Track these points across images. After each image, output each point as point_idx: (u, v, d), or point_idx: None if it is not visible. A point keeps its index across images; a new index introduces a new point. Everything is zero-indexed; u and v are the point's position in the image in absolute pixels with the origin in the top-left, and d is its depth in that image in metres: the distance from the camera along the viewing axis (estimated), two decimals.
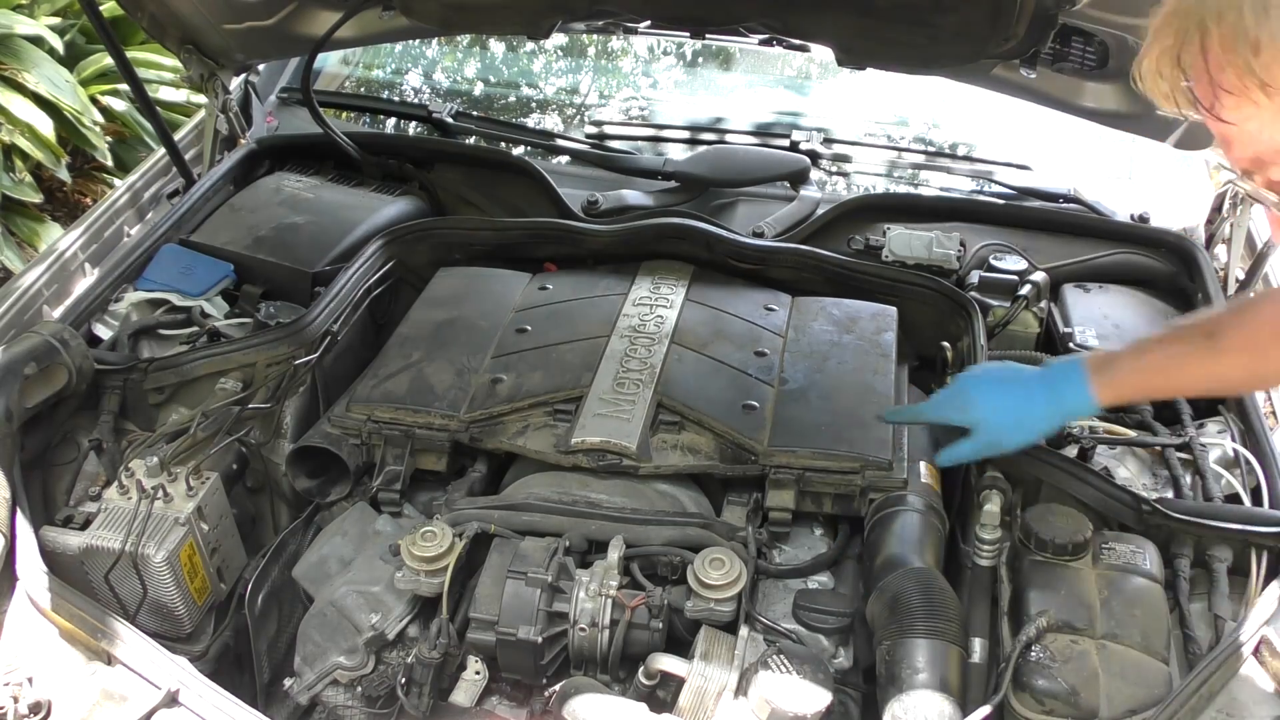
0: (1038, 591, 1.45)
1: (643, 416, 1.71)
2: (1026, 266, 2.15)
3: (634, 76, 3.22)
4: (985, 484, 1.63)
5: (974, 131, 2.86)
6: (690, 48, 3.28)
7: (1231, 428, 1.76)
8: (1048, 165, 2.57)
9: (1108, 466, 1.73)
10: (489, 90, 3.22)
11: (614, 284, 2.08)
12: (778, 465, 1.68)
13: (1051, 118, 2.21)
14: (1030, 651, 1.37)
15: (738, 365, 1.86)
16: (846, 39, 2.00)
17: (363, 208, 2.30)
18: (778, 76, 3.22)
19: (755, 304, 2.04)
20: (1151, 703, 1.32)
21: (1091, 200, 2.39)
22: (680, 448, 1.72)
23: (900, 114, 2.99)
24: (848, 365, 1.88)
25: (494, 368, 1.85)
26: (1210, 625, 1.47)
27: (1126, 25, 1.79)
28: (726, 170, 2.42)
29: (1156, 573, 1.48)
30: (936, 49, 1.88)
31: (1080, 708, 1.33)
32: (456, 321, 1.98)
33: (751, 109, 2.91)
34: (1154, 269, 2.22)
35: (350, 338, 2.01)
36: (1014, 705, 1.36)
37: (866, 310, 2.04)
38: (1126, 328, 2.00)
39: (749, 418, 1.74)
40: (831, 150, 2.55)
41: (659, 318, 1.96)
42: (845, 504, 1.69)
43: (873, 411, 1.77)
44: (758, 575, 1.59)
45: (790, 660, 1.37)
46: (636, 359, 1.84)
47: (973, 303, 2.00)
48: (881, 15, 1.85)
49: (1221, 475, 1.69)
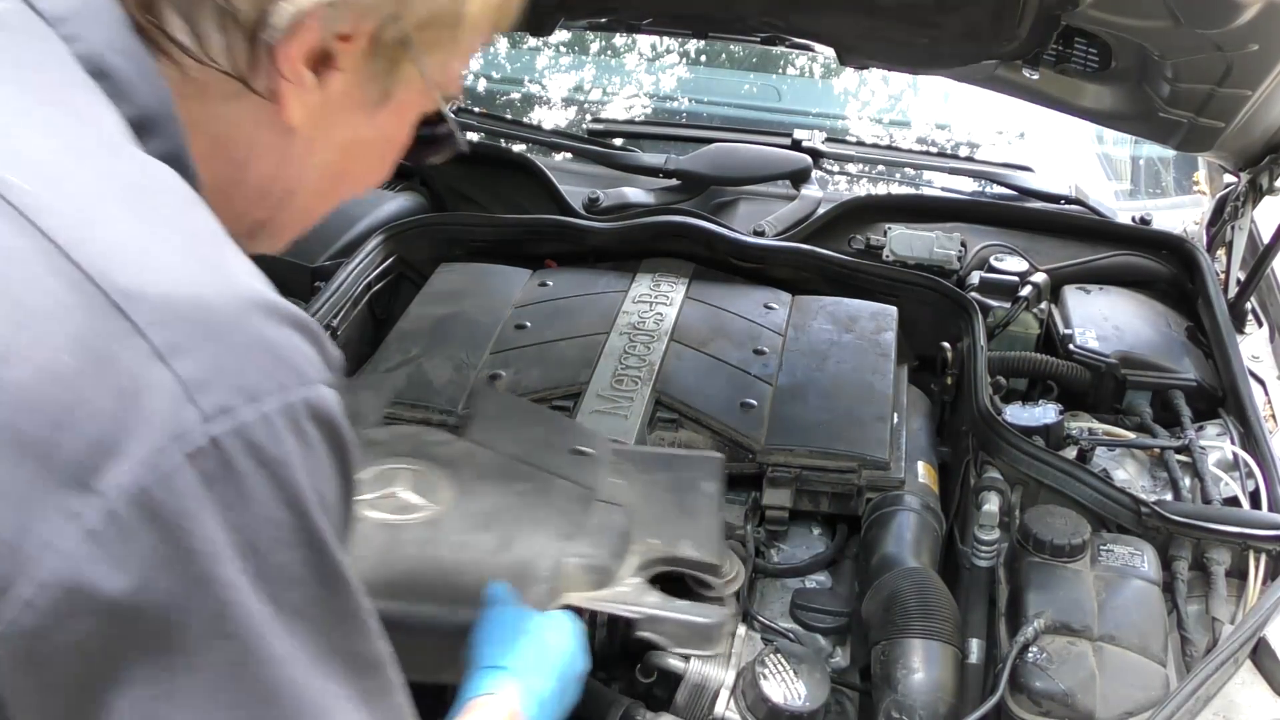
0: (1035, 592, 1.45)
1: (640, 413, 1.71)
2: (1027, 268, 2.15)
3: (636, 74, 3.22)
4: (984, 484, 1.62)
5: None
6: (693, 46, 3.28)
7: (1231, 431, 1.76)
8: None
9: (1106, 468, 1.73)
10: (491, 86, 3.22)
11: (614, 281, 2.08)
12: (775, 464, 1.68)
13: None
14: (1027, 652, 1.37)
15: (737, 363, 1.86)
16: (849, 38, 2.00)
17: (363, 203, 2.29)
18: (780, 75, 3.22)
19: (755, 302, 2.04)
20: (1148, 705, 1.32)
21: (1093, 202, 2.38)
22: (678, 445, 1.72)
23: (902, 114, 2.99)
24: (847, 364, 1.88)
25: (492, 364, 1.85)
26: (1208, 628, 1.46)
27: (1129, 26, 1.79)
28: (727, 169, 2.42)
29: (1154, 575, 1.48)
30: (939, 49, 1.88)
31: (1077, 709, 1.33)
32: (456, 317, 1.98)
33: (753, 107, 2.91)
34: (1155, 271, 2.21)
35: (350, 333, 2.00)
36: (1011, 706, 1.36)
37: (866, 310, 2.04)
38: (1127, 329, 2.00)
39: (747, 416, 1.74)
40: (833, 149, 2.55)
41: (658, 315, 1.95)
42: (843, 503, 1.69)
43: (872, 411, 1.77)
44: (755, 574, 1.59)
45: (788, 659, 1.37)
46: (635, 356, 1.83)
47: (973, 303, 1.99)
48: (884, 15, 1.85)
49: (1220, 478, 1.69)
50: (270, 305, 0.60)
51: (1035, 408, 1.74)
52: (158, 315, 0.56)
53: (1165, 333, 2.01)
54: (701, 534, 1.38)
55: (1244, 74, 1.75)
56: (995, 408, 1.74)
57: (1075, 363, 1.94)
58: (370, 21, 0.71)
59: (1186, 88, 1.85)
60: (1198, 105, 1.88)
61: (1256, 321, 2.10)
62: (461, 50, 0.80)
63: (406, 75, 0.77)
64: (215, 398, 0.56)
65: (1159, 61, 1.82)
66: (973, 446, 1.74)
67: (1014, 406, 1.75)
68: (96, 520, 0.54)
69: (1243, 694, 1.32)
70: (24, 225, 0.56)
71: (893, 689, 1.38)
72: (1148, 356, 1.93)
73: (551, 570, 1.25)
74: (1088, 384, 1.93)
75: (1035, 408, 1.74)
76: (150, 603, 0.55)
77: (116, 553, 0.54)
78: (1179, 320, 2.08)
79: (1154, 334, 2.00)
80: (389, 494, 1.33)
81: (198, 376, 0.56)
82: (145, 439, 0.55)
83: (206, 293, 0.58)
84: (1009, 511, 1.61)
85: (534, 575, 1.24)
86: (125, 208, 0.60)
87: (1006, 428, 1.67)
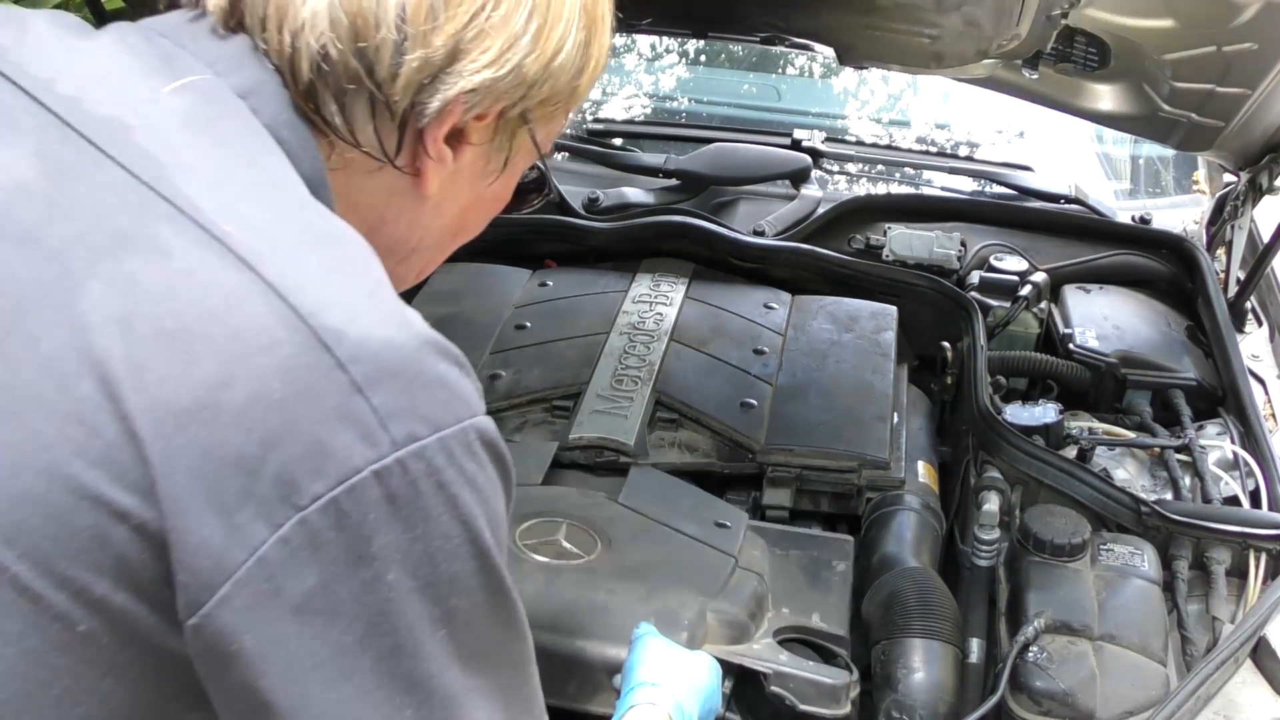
0: (1036, 592, 1.45)
1: (641, 413, 1.71)
2: (1027, 267, 2.15)
3: (636, 74, 3.22)
4: (984, 484, 1.63)
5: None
6: (693, 46, 3.27)
7: (1231, 430, 1.76)
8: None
9: (1106, 468, 1.73)
10: None
11: (614, 281, 2.08)
12: (775, 463, 1.68)
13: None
14: (1028, 652, 1.37)
15: (737, 363, 1.86)
16: (848, 38, 2.00)
17: None
18: (780, 75, 3.21)
19: (755, 302, 2.04)
20: (1149, 704, 1.32)
21: (1093, 201, 2.38)
22: (678, 445, 1.72)
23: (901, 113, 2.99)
24: (847, 364, 1.88)
25: (492, 364, 1.85)
26: (1208, 627, 1.47)
27: (1129, 26, 1.79)
28: (727, 168, 2.42)
29: (1155, 574, 1.48)
30: (938, 48, 1.87)
31: (1077, 708, 1.33)
32: (456, 317, 1.98)
33: (753, 107, 2.91)
34: (1155, 270, 2.21)
35: None
36: (1011, 706, 1.36)
37: (866, 309, 2.04)
38: (1127, 329, 2.00)
39: (747, 416, 1.74)
40: (833, 149, 2.55)
41: (658, 315, 1.95)
42: (843, 503, 1.69)
43: (872, 411, 1.77)
44: None
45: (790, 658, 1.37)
46: (635, 356, 1.83)
47: (973, 303, 1.99)
48: (884, 14, 1.84)
49: (1220, 477, 1.69)
50: (440, 345, 0.69)
51: (1035, 407, 1.74)
52: (357, 353, 0.64)
53: (1165, 332, 2.01)
54: (831, 608, 1.47)
55: (1243, 73, 1.75)
56: (995, 407, 1.74)
57: (1075, 362, 1.94)
58: (501, 103, 0.80)
59: (1186, 87, 1.85)
60: (1197, 104, 1.88)
61: (1256, 321, 2.10)
62: (566, 116, 0.90)
63: (523, 142, 0.86)
64: (403, 426, 0.64)
65: (1158, 61, 1.82)
66: (973, 446, 1.74)
67: (1014, 406, 1.75)
68: (292, 529, 0.62)
69: (1243, 693, 1.32)
70: (244, 269, 0.65)
71: (893, 689, 1.38)
72: (1148, 356, 1.93)
73: (694, 619, 1.34)
74: (1088, 383, 1.93)
75: (1035, 407, 1.74)
76: (330, 600, 0.64)
77: (306, 557, 0.63)
78: (1179, 319, 2.08)
79: (1154, 333, 2.00)
80: (550, 541, 1.46)
81: (389, 407, 0.64)
82: (342, 460, 0.63)
83: (393, 334, 0.66)
84: (1009, 511, 1.61)
85: (678, 621, 1.32)
86: (323, 258, 0.69)
87: (1006, 427, 1.67)
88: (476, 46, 0.77)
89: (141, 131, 0.70)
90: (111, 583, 0.63)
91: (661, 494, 1.60)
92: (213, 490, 0.62)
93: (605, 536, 1.48)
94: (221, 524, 0.62)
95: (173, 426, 0.62)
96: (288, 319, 0.64)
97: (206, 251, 0.65)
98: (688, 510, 1.57)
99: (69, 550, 0.62)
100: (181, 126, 0.72)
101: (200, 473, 0.62)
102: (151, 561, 0.63)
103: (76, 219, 0.67)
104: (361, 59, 0.75)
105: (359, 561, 0.64)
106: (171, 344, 0.63)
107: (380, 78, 0.76)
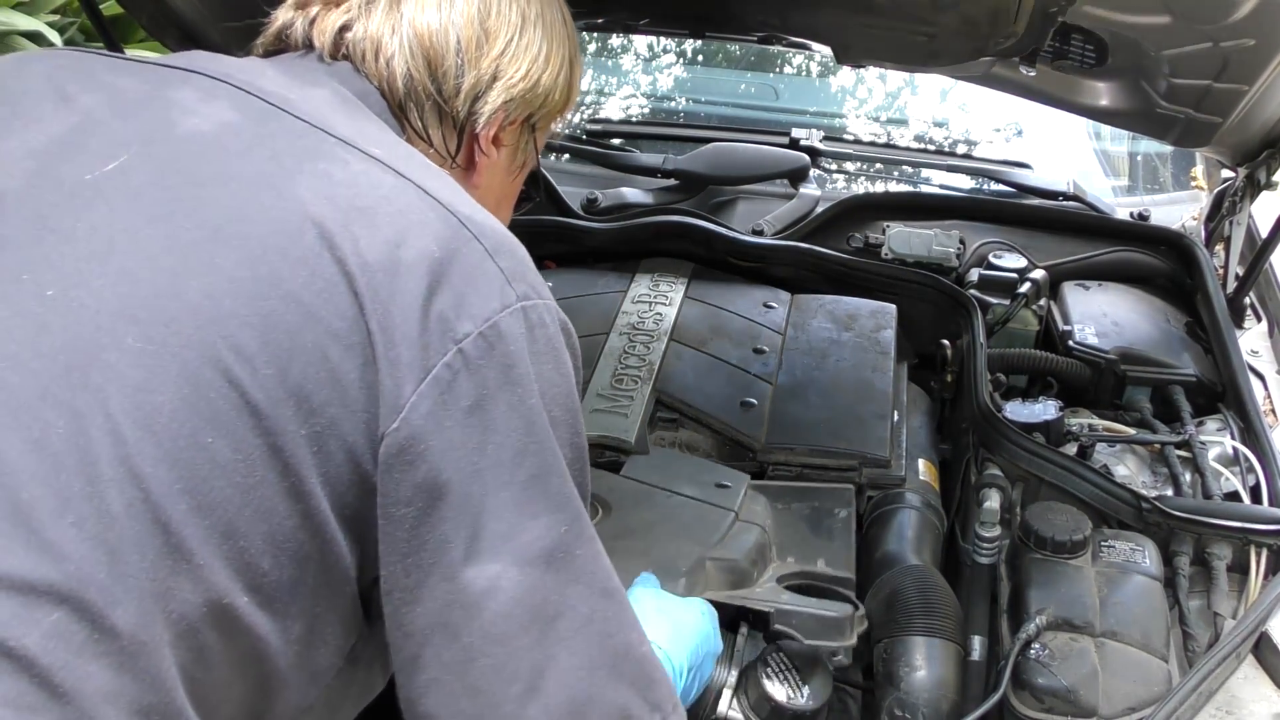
0: (1037, 589, 1.45)
1: (640, 413, 1.71)
2: (1026, 264, 2.15)
3: (633, 74, 3.22)
4: (984, 481, 1.63)
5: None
6: (690, 45, 3.27)
7: (1231, 425, 1.76)
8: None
9: (1107, 464, 1.73)
10: None
11: (613, 281, 2.08)
12: (776, 462, 1.68)
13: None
14: (1030, 649, 1.37)
15: (736, 362, 1.86)
16: (845, 36, 1.99)
17: None
18: (777, 74, 3.21)
19: (754, 301, 2.04)
20: (1151, 700, 1.32)
21: (1091, 198, 2.38)
22: (678, 445, 1.72)
23: (899, 112, 2.99)
24: (846, 362, 1.88)
25: None
26: (1210, 623, 1.47)
27: (1126, 22, 1.79)
28: (726, 168, 2.42)
29: (1156, 570, 1.48)
30: (935, 46, 1.87)
31: (1080, 705, 1.33)
32: None
33: (751, 107, 2.91)
34: (1154, 267, 2.21)
35: None
36: (1013, 703, 1.36)
37: (866, 308, 2.04)
38: (1126, 325, 2.00)
39: (747, 414, 1.74)
40: (831, 148, 2.55)
41: (658, 315, 1.95)
42: None
43: (872, 409, 1.77)
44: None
45: (790, 658, 1.37)
46: (635, 356, 1.84)
47: (972, 300, 2.00)
48: (880, 12, 1.84)
49: (1221, 473, 1.69)
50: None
51: (1035, 404, 1.74)
52: (484, 231, 0.90)
53: (1164, 328, 2.01)
54: (835, 553, 1.51)
55: (1240, 69, 1.75)
56: (995, 404, 1.74)
57: (1075, 359, 1.94)
58: (526, 111, 1.09)
59: (1183, 83, 1.85)
60: (1195, 100, 1.88)
61: (1255, 316, 2.10)
62: (553, 125, 1.17)
63: (531, 145, 1.15)
64: (521, 286, 0.89)
65: (1155, 57, 1.82)
66: (973, 443, 1.74)
67: (1014, 403, 1.75)
68: (453, 356, 0.84)
69: (1245, 689, 1.32)
70: (397, 175, 0.90)
71: (895, 687, 1.38)
72: (1147, 352, 1.93)
73: (691, 567, 1.37)
74: (1087, 380, 1.93)
75: (1035, 404, 1.74)
76: (488, 415, 0.85)
77: (465, 378, 0.84)
78: (1178, 316, 2.08)
79: (1153, 329, 2.00)
80: None
81: (511, 270, 0.89)
82: (486, 304, 0.87)
83: (498, 225, 0.93)
84: (1010, 508, 1.61)
85: (674, 570, 1.37)
86: (439, 177, 0.94)
87: (1007, 424, 1.67)
88: (511, 67, 1.05)
89: (301, 103, 0.94)
90: (329, 392, 0.82)
91: (662, 464, 1.63)
92: (400, 321, 0.83)
93: (605, 504, 1.52)
94: (406, 348, 0.83)
95: (370, 271, 0.83)
96: (434, 205, 0.89)
97: (368, 164, 0.90)
98: (688, 475, 1.60)
99: (300, 362, 0.81)
100: (326, 105, 0.96)
101: (391, 308, 0.83)
102: (358, 376, 0.82)
103: (278, 140, 0.90)
104: (433, 79, 1.03)
105: (505, 383, 0.86)
106: (362, 215, 0.86)
107: (446, 94, 1.04)
